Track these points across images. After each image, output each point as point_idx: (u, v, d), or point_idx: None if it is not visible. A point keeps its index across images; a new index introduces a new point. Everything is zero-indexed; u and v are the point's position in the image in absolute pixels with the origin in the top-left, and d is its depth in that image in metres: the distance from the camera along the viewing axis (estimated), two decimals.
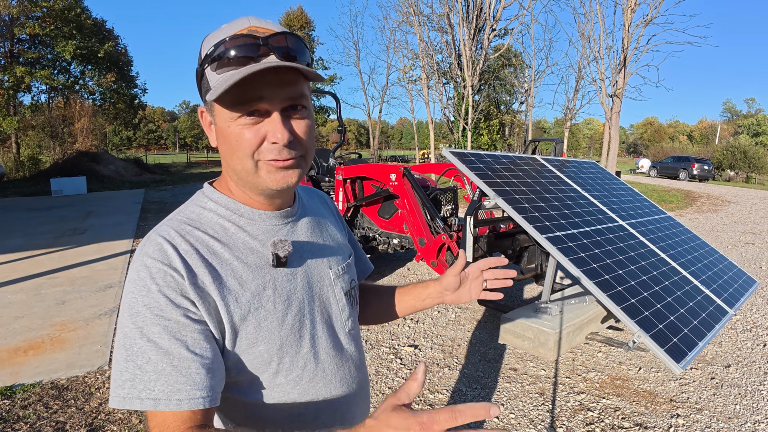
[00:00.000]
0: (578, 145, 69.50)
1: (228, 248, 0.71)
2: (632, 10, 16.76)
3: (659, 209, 4.75)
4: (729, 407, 2.78)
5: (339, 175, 5.26)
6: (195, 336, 0.64)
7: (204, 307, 0.66)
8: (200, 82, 0.69)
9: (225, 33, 0.66)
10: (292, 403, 0.75)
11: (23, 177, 18.02)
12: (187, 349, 0.63)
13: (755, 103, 71.34)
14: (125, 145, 49.45)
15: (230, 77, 0.62)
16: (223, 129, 0.68)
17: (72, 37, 19.86)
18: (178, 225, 0.70)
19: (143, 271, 0.65)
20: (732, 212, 11.94)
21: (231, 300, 0.68)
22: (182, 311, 0.64)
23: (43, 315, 4.04)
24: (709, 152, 33.22)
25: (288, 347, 0.73)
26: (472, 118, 20.38)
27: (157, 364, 0.62)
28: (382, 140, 60.70)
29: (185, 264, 0.66)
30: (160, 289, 0.63)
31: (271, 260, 0.72)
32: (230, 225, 0.73)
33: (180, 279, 0.65)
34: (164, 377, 0.62)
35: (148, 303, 0.63)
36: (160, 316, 0.63)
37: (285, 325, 0.73)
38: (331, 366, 0.79)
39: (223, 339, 0.68)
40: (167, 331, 0.63)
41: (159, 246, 0.66)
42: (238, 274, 0.70)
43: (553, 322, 3.38)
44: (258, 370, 0.72)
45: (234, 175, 0.72)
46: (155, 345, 0.62)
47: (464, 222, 3.60)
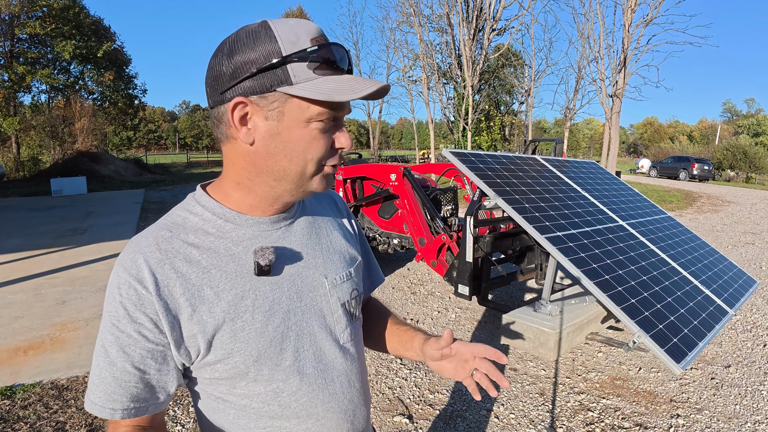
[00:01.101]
0: (578, 145, 69.48)
1: (207, 255, 0.68)
2: (632, 10, 16.76)
3: (659, 209, 4.75)
4: (729, 407, 2.78)
5: (339, 175, 5.26)
6: (143, 353, 0.65)
7: (168, 320, 0.65)
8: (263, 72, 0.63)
9: (306, 32, 0.64)
10: (273, 415, 0.73)
11: (23, 177, 18.03)
12: (131, 364, 0.65)
13: (755, 103, 71.45)
14: (125, 145, 49.47)
15: (355, 86, 0.64)
16: (290, 128, 0.65)
17: (71, 37, 19.87)
18: (158, 232, 0.68)
19: (114, 279, 0.66)
20: (732, 212, 11.94)
21: (204, 310, 0.66)
22: (136, 326, 0.64)
23: (43, 315, 4.04)
24: (709, 152, 33.24)
25: (267, 359, 0.70)
26: (472, 118, 20.38)
27: (102, 372, 0.66)
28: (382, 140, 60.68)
29: (153, 277, 0.65)
30: (121, 301, 0.64)
31: (254, 268, 0.69)
32: (214, 230, 0.70)
33: (144, 292, 0.64)
34: (104, 386, 0.65)
35: (110, 311, 0.65)
36: (116, 327, 0.65)
37: (264, 336, 0.70)
38: (318, 381, 0.75)
39: (196, 350, 0.67)
40: (118, 343, 0.65)
41: (132, 257, 0.66)
42: (215, 282, 0.67)
43: (553, 322, 3.38)
44: (234, 379, 0.70)
45: (270, 178, 0.69)
46: (105, 353, 0.65)
47: (464, 222, 3.60)
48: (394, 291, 4.92)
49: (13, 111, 19.30)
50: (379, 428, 2.52)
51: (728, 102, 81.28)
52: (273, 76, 0.63)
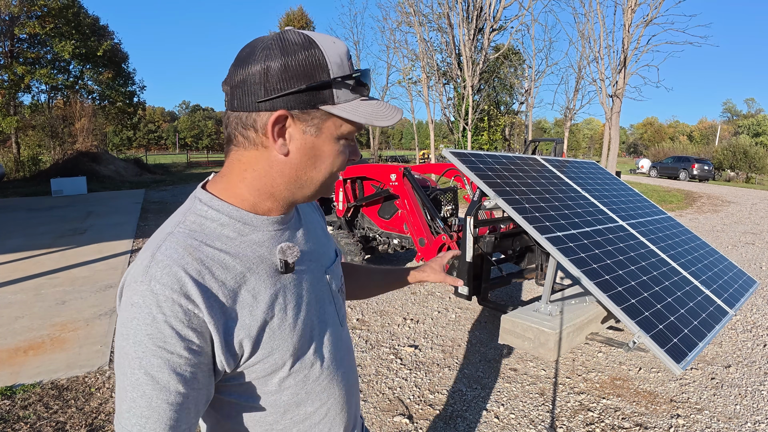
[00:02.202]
0: (578, 145, 69.48)
1: (239, 260, 0.68)
2: (632, 10, 16.76)
3: (659, 209, 4.75)
4: (729, 407, 2.78)
5: (339, 175, 5.27)
6: (194, 370, 0.63)
7: (217, 330, 0.64)
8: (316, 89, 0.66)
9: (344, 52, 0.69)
10: (299, 402, 0.77)
11: (23, 177, 18.03)
12: (186, 385, 0.62)
13: (755, 103, 71.47)
14: (125, 145, 49.46)
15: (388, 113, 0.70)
16: (322, 143, 0.69)
17: (70, 36, 19.87)
18: (186, 241, 0.66)
19: (149, 297, 0.61)
20: (732, 212, 11.94)
21: (246, 314, 0.67)
22: (187, 344, 0.62)
23: (43, 315, 4.04)
24: (709, 152, 33.24)
25: (299, 351, 0.74)
26: (472, 118, 20.38)
27: (151, 402, 0.61)
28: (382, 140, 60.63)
29: (198, 288, 0.63)
30: (166, 320, 0.60)
31: (279, 267, 0.72)
32: (235, 235, 0.70)
33: (191, 307, 0.62)
34: (157, 413, 0.61)
35: (151, 333, 0.60)
36: (163, 349, 0.60)
37: (297, 330, 0.73)
38: (333, 362, 0.81)
39: (241, 353, 0.68)
40: (169, 366, 0.61)
41: (170, 270, 0.62)
42: (251, 286, 0.68)
43: (554, 322, 3.38)
44: (269, 376, 0.72)
45: (294, 185, 0.71)
46: (153, 379, 0.61)
47: (464, 222, 3.60)
48: (394, 291, 4.92)
49: (13, 111, 19.30)
50: (379, 428, 2.52)
51: (728, 102, 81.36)
52: (319, 95, 0.66)
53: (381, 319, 4.13)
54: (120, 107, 24.36)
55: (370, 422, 2.57)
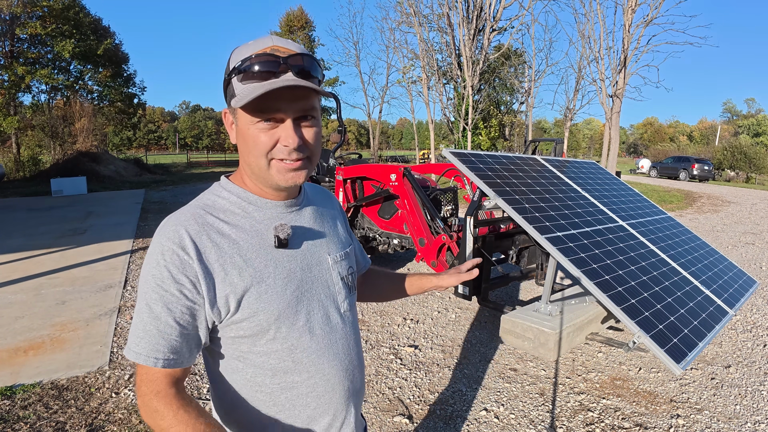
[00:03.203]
0: (578, 145, 69.46)
1: (236, 229, 0.82)
2: (632, 10, 16.76)
3: (659, 209, 4.75)
4: (729, 407, 2.78)
5: (339, 175, 5.26)
6: (183, 309, 0.76)
7: (205, 281, 0.77)
8: (226, 89, 0.81)
9: (251, 50, 0.77)
10: (287, 370, 0.84)
11: (23, 177, 18.03)
12: (173, 319, 0.76)
13: (755, 103, 71.38)
14: (125, 145, 49.38)
15: (254, 89, 0.74)
16: (243, 130, 0.80)
17: (71, 36, 19.87)
18: (194, 210, 0.82)
19: (158, 247, 0.77)
20: (732, 212, 11.94)
21: (235, 274, 0.79)
22: (179, 287, 0.76)
23: (43, 315, 4.04)
24: (710, 152, 33.22)
25: (285, 318, 0.83)
26: (472, 118, 20.37)
27: (146, 326, 0.76)
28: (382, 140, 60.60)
29: (194, 244, 0.77)
30: (165, 265, 0.76)
31: (274, 242, 0.83)
32: (240, 211, 0.84)
33: (186, 257, 0.76)
34: (148, 337, 0.76)
35: (155, 274, 0.76)
36: (160, 287, 0.76)
37: (283, 298, 0.83)
38: (324, 340, 0.88)
39: (226, 308, 0.79)
40: (162, 300, 0.75)
41: (174, 228, 0.78)
42: (244, 252, 0.81)
43: (554, 322, 3.38)
44: (256, 336, 0.82)
45: (248, 169, 0.83)
46: (150, 309, 0.76)
47: (464, 222, 3.60)
48: None
49: (13, 111, 19.29)
50: (379, 428, 2.52)
51: (728, 102, 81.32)
52: (230, 92, 0.80)
53: (381, 319, 4.13)
54: (120, 107, 24.35)
55: (370, 422, 2.57)
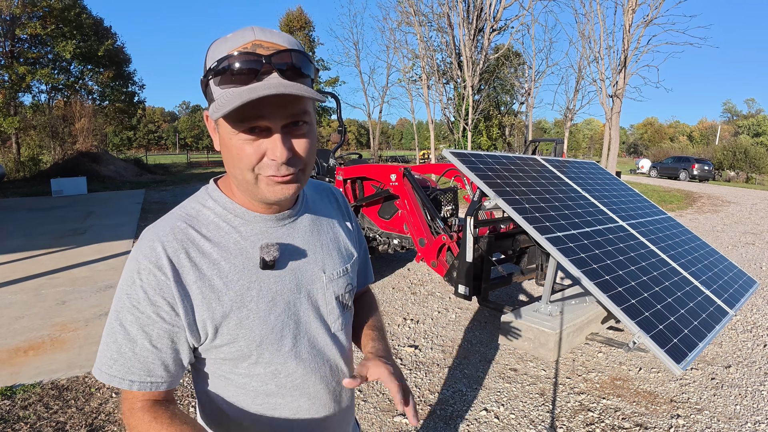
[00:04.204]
0: (578, 145, 69.44)
1: (218, 248, 0.74)
2: (633, 10, 16.76)
3: (659, 210, 4.75)
4: (729, 407, 2.78)
5: (339, 175, 5.26)
6: (160, 333, 0.71)
7: (183, 304, 0.71)
8: (205, 91, 0.70)
9: (230, 46, 0.65)
10: (270, 393, 0.79)
11: (23, 177, 18.02)
12: (149, 342, 0.70)
13: (755, 103, 71.35)
14: (125, 145, 49.39)
15: (232, 97, 0.62)
16: (225, 140, 0.69)
17: (72, 37, 19.87)
18: (175, 222, 0.74)
19: (134, 264, 0.70)
20: (732, 212, 11.94)
21: (213, 298, 0.72)
22: (155, 308, 0.69)
23: (43, 315, 4.04)
24: (710, 152, 33.22)
25: (268, 345, 0.76)
26: (472, 118, 20.37)
27: (121, 348, 0.70)
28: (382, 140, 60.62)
29: (171, 264, 0.70)
30: (142, 285, 0.69)
31: (259, 263, 0.75)
32: (225, 225, 0.76)
33: (163, 278, 0.69)
34: (122, 360, 0.70)
35: (130, 294, 0.70)
36: (136, 308, 0.69)
37: (267, 324, 0.76)
38: (312, 364, 0.81)
39: (205, 333, 0.73)
40: (138, 322, 0.70)
41: (151, 245, 0.71)
42: (224, 273, 0.73)
43: (554, 322, 3.38)
44: (237, 360, 0.76)
45: (235, 181, 0.73)
46: (125, 330, 0.70)
47: (464, 222, 3.60)
48: (394, 291, 4.92)
49: (13, 111, 19.29)
50: (379, 428, 2.52)
51: (728, 102, 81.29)
52: (209, 96, 0.69)
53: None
54: (120, 107, 24.35)
55: (370, 422, 2.57)
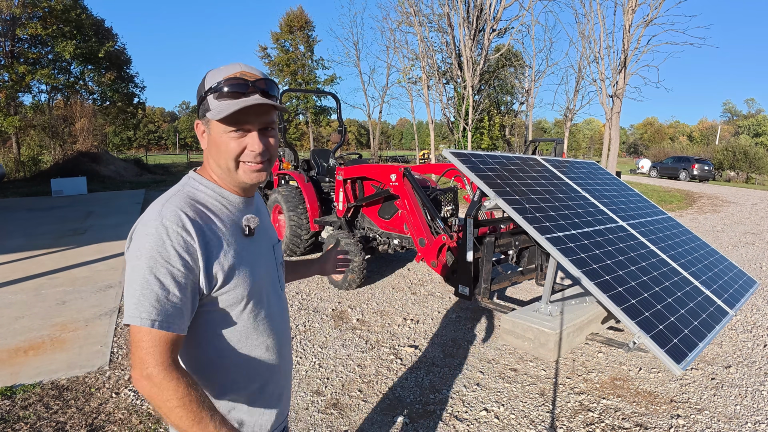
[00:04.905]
0: (578, 145, 69.42)
1: (219, 219, 0.99)
2: (632, 10, 16.75)
3: (659, 210, 4.75)
4: (729, 408, 2.78)
5: (339, 175, 5.26)
6: (185, 282, 0.90)
7: (203, 259, 0.92)
8: (200, 104, 0.99)
9: (223, 74, 0.96)
10: (256, 333, 1.05)
11: (23, 177, 18.03)
12: (180, 291, 0.90)
13: (755, 103, 71.29)
14: (125, 145, 49.42)
15: (230, 105, 0.93)
16: (216, 138, 0.98)
17: (72, 37, 19.86)
18: (185, 199, 0.96)
19: (160, 229, 0.89)
20: (732, 213, 11.94)
21: (222, 254, 0.96)
22: (184, 263, 0.90)
23: (43, 315, 4.04)
24: (710, 153, 33.21)
25: (254, 293, 1.03)
26: (472, 118, 20.37)
27: (158, 295, 0.87)
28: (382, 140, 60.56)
29: (195, 226, 0.92)
30: (172, 244, 0.89)
31: (245, 231, 1.03)
32: (218, 203, 1.01)
33: (189, 238, 0.91)
34: (160, 305, 0.87)
35: (161, 252, 0.88)
36: (168, 263, 0.88)
37: (255, 277, 1.03)
38: (277, 310, 1.12)
39: (213, 281, 0.95)
40: (171, 275, 0.88)
41: (175, 213, 0.92)
42: (226, 237, 0.98)
43: (554, 322, 3.38)
44: (234, 305, 1.00)
45: (218, 170, 1.01)
46: (160, 283, 0.88)
47: (464, 222, 3.60)
48: (394, 291, 4.92)
49: (13, 111, 19.29)
50: (379, 428, 2.52)
51: (728, 102, 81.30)
52: (204, 106, 0.98)
53: (381, 319, 4.13)
54: (120, 107, 24.35)
55: (370, 422, 2.57)
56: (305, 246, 5.98)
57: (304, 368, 3.18)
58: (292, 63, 35.86)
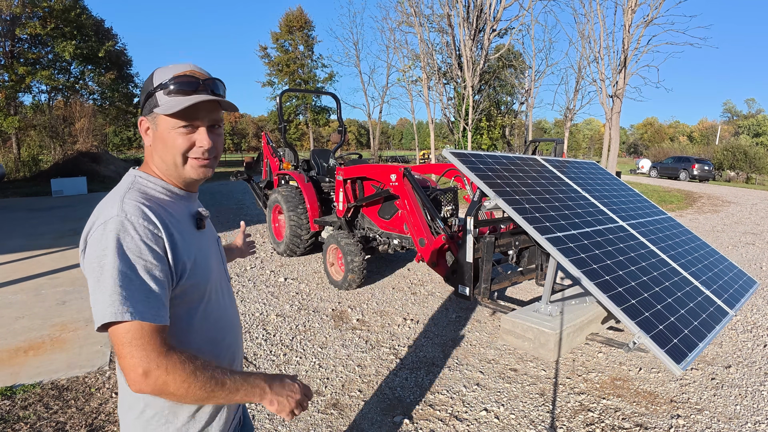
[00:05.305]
0: (578, 145, 69.44)
1: (175, 212, 1.00)
2: (632, 10, 16.76)
3: (659, 210, 4.75)
4: (729, 408, 2.78)
5: (339, 175, 5.26)
6: (159, 274, 0.90)
7: (171, 251, 0.93)
8: (146, 100, 0.99)
9: (173, 71, 0.98)
10: (214, 323, 1.07)
11: (24, 177, 18.03)
12: (156, 283, 0.89)
13: (755, 103, 71.21)
14: (125, 145, 49.35)
15: (184, 100, 0.95)
16: (164, 134, 0.98)
17: (72, 37, 19.86)
18: (141, 195, 0.96)
19: (127, 224, 0.88)
20: (732, 213, 11.94)
21: (182, 248, 0.96)
22: (154, 254, 0.89)
23: (43, 315, 4.04)
24: (710, 153, 33.21)
25: (212, 284, 1.05)
26: (472, 118, 20.37)
27: (135, 293, 0.86)
28: (382, 141, 60.58)
29: (159, 219, 0.93)
30: (141, 238, 0.88)
31: (196, 225, 1.05)
32: (168, 199, 1.01)
33: (156, 231, 0.91)
34: (145, 298, 0.87)
35: (130, 247, 0.87)
36: (140, 257, 0.87)
37: (209, 269, 1.05)
38: (229, 301, 1.15)
39: (179, 273, 0.95)
40: (145, 269, 0.88)
41: (137, 207, 0.91)
42: (183, 230, 0.99)
43: (554, 322, 3.38)
44: (194, 299, 1.00)
45: (163, 166, 1.01)
46: (138, 276, 0.87)
47: (465, 222, 3.60)
48: (395, 291, 4.92)
49: (13, 111, 19.29)
50: (379, 428, 2.52)
51: (728, 102, 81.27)
52: (152, 102, 0.98)
53: (381, 319, 4.13)
54: (120, 107, 24.35)
55: (370, 422, 2.57)
56: (305, 246, 5.98)
57: (304, 368, 3.18)
58: (292, 63, 35.89)
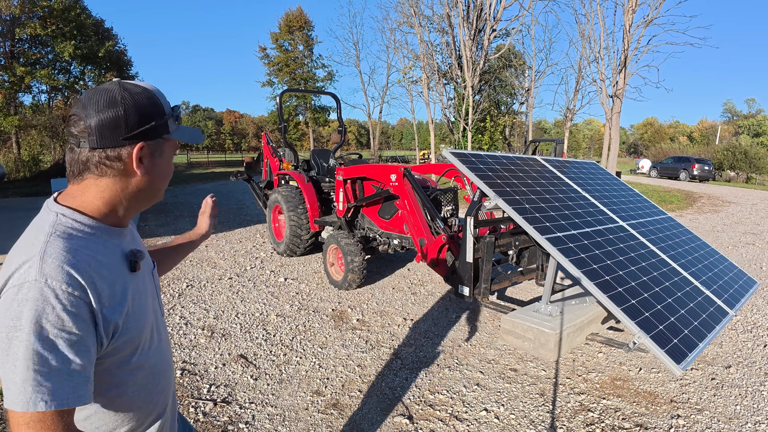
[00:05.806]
0: (578, 145, 69.46)
1: (107, 261, 0.87)
2: (633, 10, 16.76)
3: (660, 210, 4.75)
4: (729, 408, 2.78)
5: (339, 175, 5.26)
6: (84, 346, 0.77)
7: (100, 312, 0.81)
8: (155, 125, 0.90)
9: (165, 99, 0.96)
10: (149, 370, 0.98)
11: (24, 177, 18.03)
12: (80, 356, 0.76)
13: (755, 103, 71.20)
14: None
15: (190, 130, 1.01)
16: (164, 162, 0.96)
17: (72, 37, 19.86)
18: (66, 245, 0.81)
19: (47, 292, 0.74)
20: (732, 213, 11.94)
21: (115, 303, 0.85)
22: (78, 325, 0.76)
23: None
24: (710, 153, 33.22)
25: (146, 331, 0.96)
26: (472, 118, 20.37)
27: (61, 368, 0.74)
28: (382, 141, 60.62)
29: (86, 280, 0.79)
30: (64, 308, 0.75)
31: (130, 267, 0.92)
32: (99, 243, 0.87)
33: (82, 296, 0.78)
34: (67, 378, 0.75)
35: (52, 320, 0.74)
36: (63, 330, 0.74)
37: (144, 315, 0.95)
38: (163, 337, 1.08)
39: (109, 335, 0.84)
40: (69, 343, 0.75)
41: (60, 269, 0.77)
42: (115, 280, 0.87)
43: (554, 322, 3.38)
44: (126, 353, 0.91)
45: (149, 196, 0.96)
46: (58, 353, 0.74)
47: (465, 222, 3.60)
48: (395, 291, 4.92)
49: (13, 111, 19.29)
50: (379, 428, 2.52)
51: (728, 102, 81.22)
52: (162, 128, 0.92)
53: (381, 319, 4.13)
54: None
55: (370, 422, 2.57)
56: (305, 246, 5.98)
57: (304, 368, 3.18)
58: (292, 63, 35.90)
